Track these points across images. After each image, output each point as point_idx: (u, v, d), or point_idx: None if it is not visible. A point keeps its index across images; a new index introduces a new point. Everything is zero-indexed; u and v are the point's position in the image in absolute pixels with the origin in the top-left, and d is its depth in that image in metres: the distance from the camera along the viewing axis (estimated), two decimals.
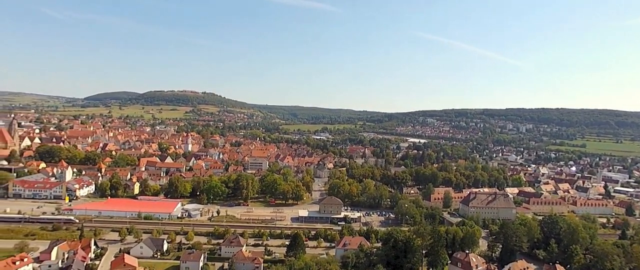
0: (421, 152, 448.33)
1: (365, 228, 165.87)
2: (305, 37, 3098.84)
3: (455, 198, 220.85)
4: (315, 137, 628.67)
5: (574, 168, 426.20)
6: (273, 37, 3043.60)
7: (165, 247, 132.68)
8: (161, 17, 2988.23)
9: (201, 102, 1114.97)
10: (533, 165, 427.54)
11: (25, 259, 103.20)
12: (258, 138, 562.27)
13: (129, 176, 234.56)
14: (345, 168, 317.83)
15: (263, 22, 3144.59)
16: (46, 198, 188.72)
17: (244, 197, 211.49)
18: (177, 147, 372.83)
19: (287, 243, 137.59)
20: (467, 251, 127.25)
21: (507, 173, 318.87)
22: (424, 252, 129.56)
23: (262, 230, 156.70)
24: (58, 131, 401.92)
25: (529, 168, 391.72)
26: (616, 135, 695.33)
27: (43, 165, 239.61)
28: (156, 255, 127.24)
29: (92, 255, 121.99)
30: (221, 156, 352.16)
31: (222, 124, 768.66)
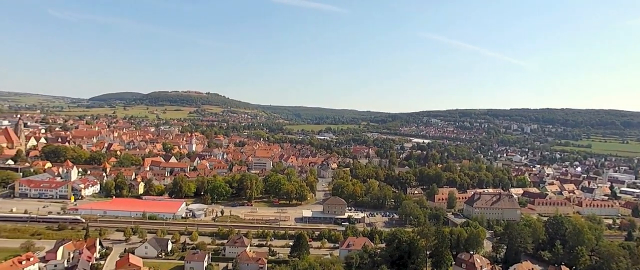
0: (425, 153, 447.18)
1: (369, 228, 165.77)
2: (309, 38, 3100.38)
3: (459, 199, 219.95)
4: (319, 137, 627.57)
5: (580, 168, 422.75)
6: (277, 38, 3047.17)
7: (169, 247, 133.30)
8: (165, 18, 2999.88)
9: (205, 103, 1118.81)
10: (538, 165, 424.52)
11: (31, 259, 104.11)
12: (262, 138, 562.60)
13: (134, 176, 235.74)
14: (349, 168, 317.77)
15: (267, 23, 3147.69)
16: (52, 197, 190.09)
17: (248, 197, 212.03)
18: (181, 147, 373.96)
19: (291, 243, 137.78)
20: (472, 252, 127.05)
21: (512, 173, 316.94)
22: (428, 253, 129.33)
23: (266, 230, 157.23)
24: (63, 131, 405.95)
25: (534, 168, 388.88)
26: (622, 135, 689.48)
27: (49, 165, 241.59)
28: (160, 255, 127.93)
29: (97, 255, 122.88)
30: (225, 156, 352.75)
31: (226, 124, 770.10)
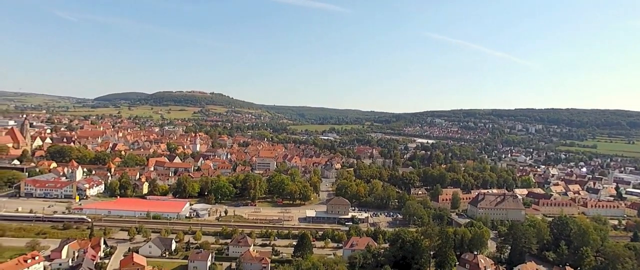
0: (429, 153, 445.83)
1: (372, 229, 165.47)
2: (313, 38, 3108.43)
3: (463, 199, 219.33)
4: (322, 138, 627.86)
5: (585, 169, 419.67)
6: (281, 38, 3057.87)
7: (173, 247, 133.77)
8: (170, 19, 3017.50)
9: (209, 103, 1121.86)
10: (542, 166, 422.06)
11: (36, 257, 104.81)
12: (266, 138, 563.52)
13: (138, 176, 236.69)
14: (352, 168, 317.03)
15: (271, 23, 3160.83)
16: (57, 197, 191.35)
17: (252, 197, 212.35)
18: (186, 147, 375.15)
19: (295, 243, 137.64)
20: (476, 252, 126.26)
21: (516, 174, 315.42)
22: (432, 253, 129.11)
23: (270, 230, 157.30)
24: (69, 131, 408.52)
25: (539, 169, 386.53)
26: (628, 136, 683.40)
27: (54, 164, 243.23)
28: (164, 254, 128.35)
29: (102, 254, 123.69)
30: (229, 156, 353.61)
31: (230, 125, 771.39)
